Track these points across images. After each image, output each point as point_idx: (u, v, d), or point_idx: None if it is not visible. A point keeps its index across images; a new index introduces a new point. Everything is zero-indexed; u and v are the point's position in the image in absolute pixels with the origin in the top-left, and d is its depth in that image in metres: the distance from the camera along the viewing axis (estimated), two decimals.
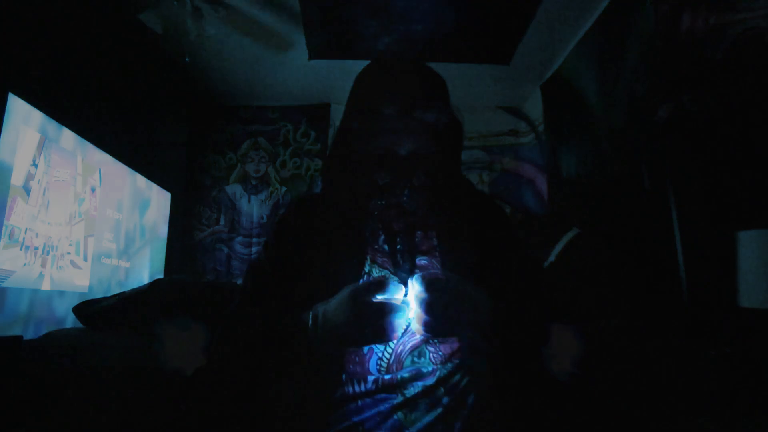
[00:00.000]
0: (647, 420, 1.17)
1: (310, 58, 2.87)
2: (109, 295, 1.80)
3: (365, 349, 0.73)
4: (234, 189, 3.52)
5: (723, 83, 1.53)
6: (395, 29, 2.56)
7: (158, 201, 2.86)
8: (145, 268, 2.67)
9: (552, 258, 1.94)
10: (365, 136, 0.77)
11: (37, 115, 1.73)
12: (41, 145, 1.75)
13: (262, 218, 3.47)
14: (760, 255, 1.30)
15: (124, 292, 1.61)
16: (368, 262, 0.79)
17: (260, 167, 3.54)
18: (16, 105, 1.62)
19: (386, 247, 0.80)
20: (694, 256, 1.60)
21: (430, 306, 0.63)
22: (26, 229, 1.67)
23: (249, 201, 3.50)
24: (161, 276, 2.84)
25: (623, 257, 1.93)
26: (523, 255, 0.85)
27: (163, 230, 2.95)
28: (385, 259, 0.79)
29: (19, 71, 1.71)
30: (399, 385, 0.71)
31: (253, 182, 3.53)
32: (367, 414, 0.70)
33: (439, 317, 0.63)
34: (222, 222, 3.46)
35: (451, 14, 2.45)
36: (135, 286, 1.70)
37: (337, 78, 3.07)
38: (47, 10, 1.89)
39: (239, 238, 3.43)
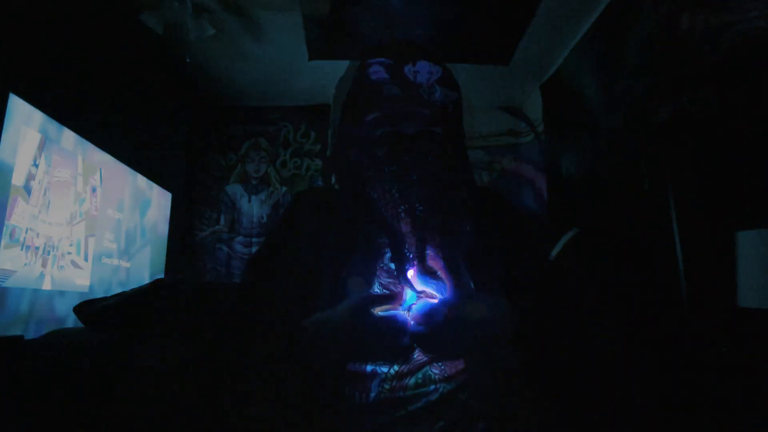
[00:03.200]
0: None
1: (310, 58, 2.87)
2: (109, 294, 1.80)
3: (368, 368, 0.71)
4: (234, 189, 3.52)
5: (722, 83, 1.53)
6: (395, 29, 2.56)
7: (159, 201, 2.86)
8: (145, 267, 2.67)
9: (552, 258, 1.94)
10: (367, 115, 0.74)
11: (37, 116, 1.73)
12: (42, 145, 1.75)
13: (262, 218, 3.47)
14: (760, 255, 1.30)
15: (124, 292, 1.61)
16: (375, 282, 0.75)
17: (260, 167, 3.55)
18: (17, 105, 1.63)
19: (392, 265, 0.76)
20: (694, 256, 1.60)
21: (428, 339, 0.63)
22: (27, 229, 1.67)
23: (249, 201, 3.50)
24: (162, 276, 2.84)
25: (623, 257, 1.93)
26: (532, 261, 0.82)
27: (164, 230, 2.95)
28: (390, 281, 0.75)
29: (19, 71, 1.72)
30: (402, 401, 0.69)
31: (254, 182, 3.53)
32: (369, 426, 0.69)
33: (438, 349, 0.64)
34: (222, 222, 3.46)
35: (451, 14, 2.45)
36: (136, 286, 1.70)
37: (337, 78, 3.07)
38: (47, 10, 1.89)
39: (239, 238, 3.44)
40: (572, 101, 2.66)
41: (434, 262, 0.76)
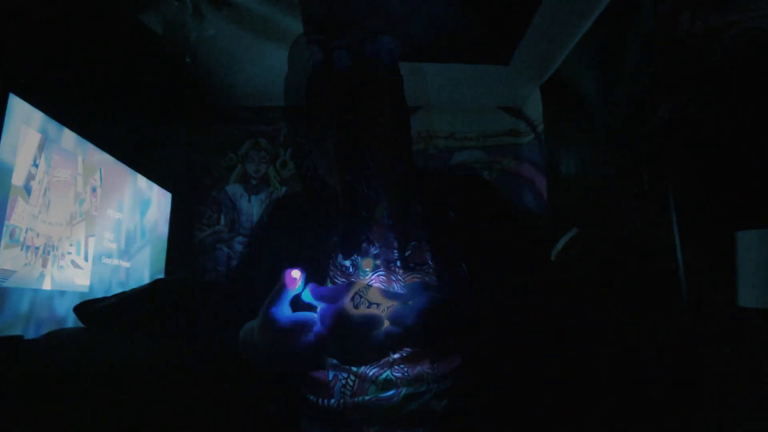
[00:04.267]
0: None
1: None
2: (110, 294, 1.80)
3: (330, 375, 0.70)
4: (234, 189, 3.52)
5: (722, 83, 1.53)
6: (395, 30, 2.56)
7: (159, 201, 2.86)
8: (145, 267, 2.67)
9: (552, 258, 1.94)
10: (335, 103, 0.74)
11: (37, 116, 1.73)
12: (42, 145, 1.75)
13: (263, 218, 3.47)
14: (760, 255, 1.30)
15: (124, 292, 1.61)
16: (328, 281, 0.73)
17: (261, 167, 3.55)
18: (17, 105, 1.63)
19: (347, 263, 0.74)
20: (694, 256, 1.60)
21: (330, 344, 0.56)
22: (27, 228, 1.67)
23: (249, 201, 3.50)
24: (162, 276, 2.84)
25: (623, 257, 1.93)
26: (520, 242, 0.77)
27: (164, 230, 2.95)
28: (344, 280, 0.73)
29: (19, 71, 1.71)
30: (362, 407, 0.68)
31: (254, 182, 3.53)
32: None
33: (341, 355, 0.57)
34: (222, 222, 3.46)
35: (451, 15, 2.45)
36: (136, 286, 1.70)
37: None
38: (47, 10, 1.89)
39: (239, 238, 3.44)
40: (572, 101, 2.66)
41: (419, 256, 0.73)
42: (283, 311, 0.57)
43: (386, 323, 0.56)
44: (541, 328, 0.69)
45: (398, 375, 0.68)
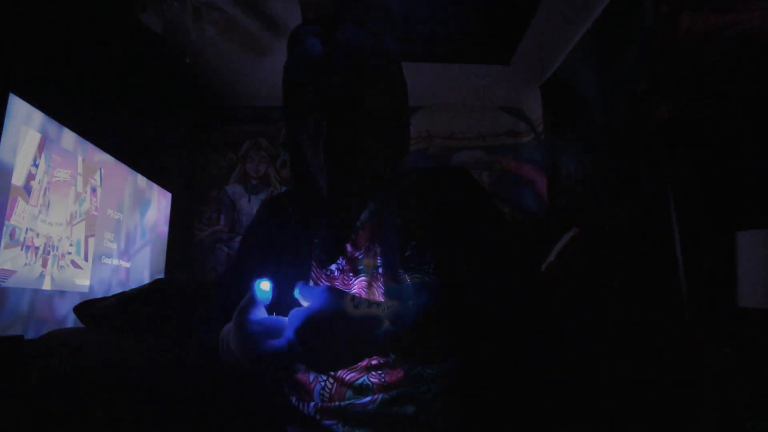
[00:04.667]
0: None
1: None
2: (110, 294, 1.80)
3: (311, 376, 0.69)
4: (234, 189, 3.52)
5: (722, 83, 1.53)
6: (395, 30, 2.56)
7: (159, 201, 2.86)
8: (145, 267, 2.67)
9: (552, 258, 1.94)
10: (304, 90, 0.70)
11: (37, 116, 1.73)
12: (42, 145, 1.75)
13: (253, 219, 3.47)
14: (760, 255, 1.30)
15: (124, 292, 1.61)
16: (310, 283, 0.72)
17: (260, 167, 3.55)
18: (17, 105, 1.63)
19: (333, 266, 0.73)
20: (694, 256, 1.60)
21: (301, 349, 0.54)
22: (27, 228, 1.67)
23: (249, 201, 3.50)
24: (162, 276, 2.84)
25: (623, 257, 1.93)
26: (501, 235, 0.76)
27: (164, 230, 2.95)
28: (328, 284, 0.72)
29: (19, 71, 1.71)
30: (339, 412, 0.67)
31: (254, 182, 3.53)
32: None
33: (312, 360, 0.55)
34: (222, 222, 3.46)
35: (451, 14, 2.46)
36: (136, 286, 1.70)
37: None
38: (47, 10, 1.89)
39: (239, 238, 3.44)
40: (572, 101, 2.66)
41: (419, 256, 0.72)
42: (255, 316, 0.58)
43: (386, 323, 0.56)
44: (540, 328, 0.69)
45: (374, 381, 0.67)
